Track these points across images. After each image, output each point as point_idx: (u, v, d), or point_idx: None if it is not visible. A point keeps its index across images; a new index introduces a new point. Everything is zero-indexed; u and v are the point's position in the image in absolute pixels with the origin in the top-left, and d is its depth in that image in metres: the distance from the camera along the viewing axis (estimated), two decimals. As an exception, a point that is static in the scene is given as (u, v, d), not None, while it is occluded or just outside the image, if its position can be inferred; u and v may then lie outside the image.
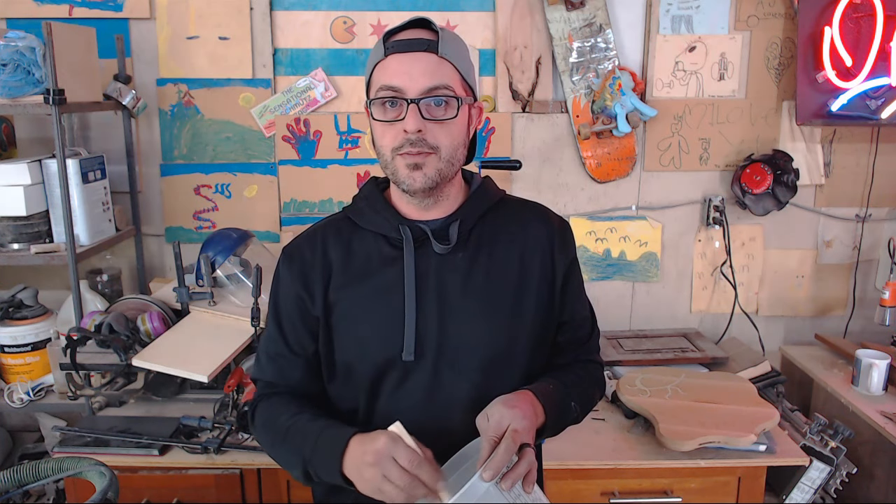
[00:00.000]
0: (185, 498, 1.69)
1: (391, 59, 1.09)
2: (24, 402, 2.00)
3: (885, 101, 2.13)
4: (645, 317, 2.42)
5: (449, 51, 1.10)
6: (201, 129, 2.25)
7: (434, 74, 1.08)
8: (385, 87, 1.09)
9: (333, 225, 1.23)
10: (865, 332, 2.39)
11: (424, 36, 1.09)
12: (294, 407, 1.18)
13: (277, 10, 2.20)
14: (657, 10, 2.20)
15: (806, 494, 1.81)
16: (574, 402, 1.19)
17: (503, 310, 1.17)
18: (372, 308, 1.16)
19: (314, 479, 1.11)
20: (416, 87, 1.07)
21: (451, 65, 1.10)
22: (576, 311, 1.27)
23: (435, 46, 1.08)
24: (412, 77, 1.07)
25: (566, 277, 1.23)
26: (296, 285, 1.19)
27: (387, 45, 1.10)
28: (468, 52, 1.17)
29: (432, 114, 1.08)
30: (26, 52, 1.77)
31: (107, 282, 2.21)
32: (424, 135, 1.08)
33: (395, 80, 1.08)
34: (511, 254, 1.20)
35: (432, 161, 1.10)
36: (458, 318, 1.15)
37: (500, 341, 1.16)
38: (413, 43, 1.08)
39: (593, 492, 1.73)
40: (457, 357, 1.15)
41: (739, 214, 2.33)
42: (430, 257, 1.16)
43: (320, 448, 1.08)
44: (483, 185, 1.25)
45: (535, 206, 1.29)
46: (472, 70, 1.16)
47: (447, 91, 1.08)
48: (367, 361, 1.16)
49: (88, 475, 1.15)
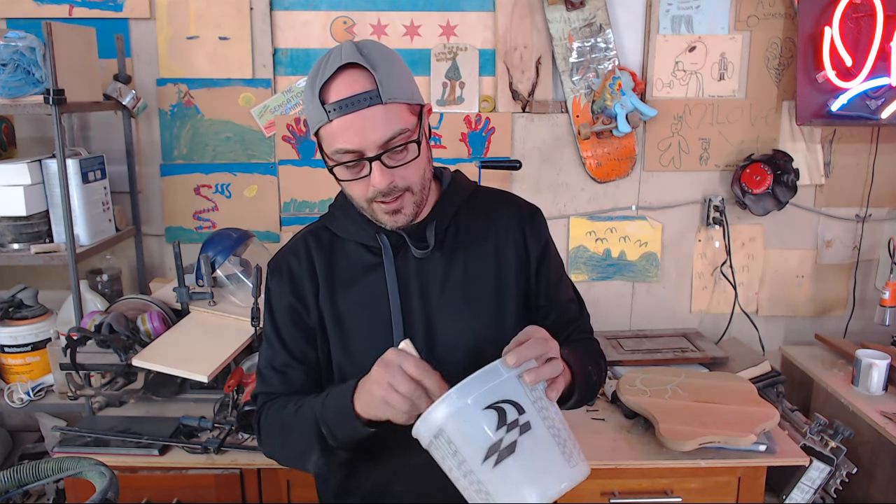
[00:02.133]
0: (185, 498, 1.69)
1: (337, 122, 1.03)
2: (24, 402, 2.00)
3: (885, 101, 2.13)
4: (645, 317, 2.42)
5: (391, 89, 1.03)
6: (201, 129, 2.25)
7: (387, 126, 1.03)
8: (340, 151, 1.04)
9: (313, 234, 1.24)
10: (865, 332, 2.39)
11: (362, 86, 1.02)
12: (296, 398, 1.18)
13: (277, 10, 2.19)
14: (657, 10, 2.20)
15: (806, 494, 1.81)
16: (591, 367, 1.19)
17: (486, 304, 1.18)
18: (360, 316, 1.18)
19: (330, 441, 1.09)
20: (373, 144, 1.03)
21: (398, 104, 1.04)
22: (555, 295, 1.26)
23: (377, 96, 1.01)
24: (365, 136, 1.02)
25: (539, 261, 1.24)
26: (287, 297, 1.20)
27: (327, 108, 1.02)
28: (398, 61, 1.09)
29: (396, 160, 1.06)
30: (26, 52, 1.77)
31: (107, 282, 2.21)
32: (394, 182, 1.06)
33: (349, 144, 1.03)
34: (487, 247, 1.21)
35: (408, 199, 1.10)
36: (444, 317, 1.17)
37: (487, 334, 1.17)
38: (355, 101, 1.01)
39: (593, 492, 1.73)
40: (447, 356, 1.16)
41: (739, 214, 2.33)
42: (410, 261, 1.17)
43: (330, 401, 1.08)
44: (454, 181, 1.25)
45: (505, 196, 1.30)
46: (410, 83, 1.09)
47: (404, 137, 1.05)
48: (359, 370, 1.15)
49: (88, 475, 1.15)
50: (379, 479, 1.20)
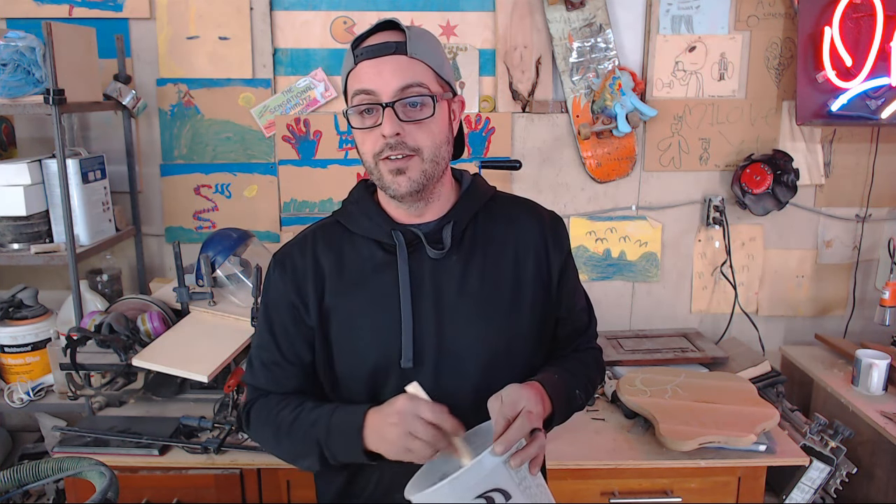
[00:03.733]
0: (185, 498, 1.69)
1: (362, 65, 1.08)
2: (24, 402, 2.00)
3: (885, 101, 2.13)
4: (645, 317, 2.42)
5: (419, 49, 1.08)
6: (201, 129, 2.25)
7: (405, 74, 1.07)
8: (358, 91, 1.08)
9: (324, 230, 1.22)
10: (865, 332, 2.39)
11: (392, 38, 1.08)
12: (294, 400, 1.18)
13: (277, 10, 2.20)
14: (657, 10, 2.20)
15: (806, 494, 1.81)
16: (579, 390, 1.20)
17: (500, 311, 1.17)
18: (368, 316, 1.16)
19: (331, 461, 1.10)
20: (389, 89, 1.06)
21: (422, 63, 1.09)
22: (573, 305, 1.27)
23: (403, 48, 1.07)
24: (384, 80, 1.06)
25: (562, 273, 1.22)
26: (289, 293, 1.18)
27: (356, 53, 1.09)
28: (440, 46, 1.16)
29: (409, 115, 1.07)
30: (26, 52, 1.77)
31: (107, 282, 2.21)
32: (404, 137, 1.07)
33: (368, 84, 1.07)
34: (505, 253, 1.19)
35: (415, 164, 1.09)
36: (456, 321, 1.14)
37: (498, 343, 1.16)
38: (381, 47, 1.07)
39: (593, 492, 1.73)
40: (456, 361, 1.15)
41: (739, 214, 2.33)
42: (424, 261, 1.15)
43: (335, 428, 1.08)
44: (474, 183, 1.24)
45: (525, 203, 1.28)
46: (445, 64, 1.15)
47: (421, 89, 1.07)
48: (366, 369, 1.16)
49: (88, 475, 1.15)
50: (381, 483, 1.19)
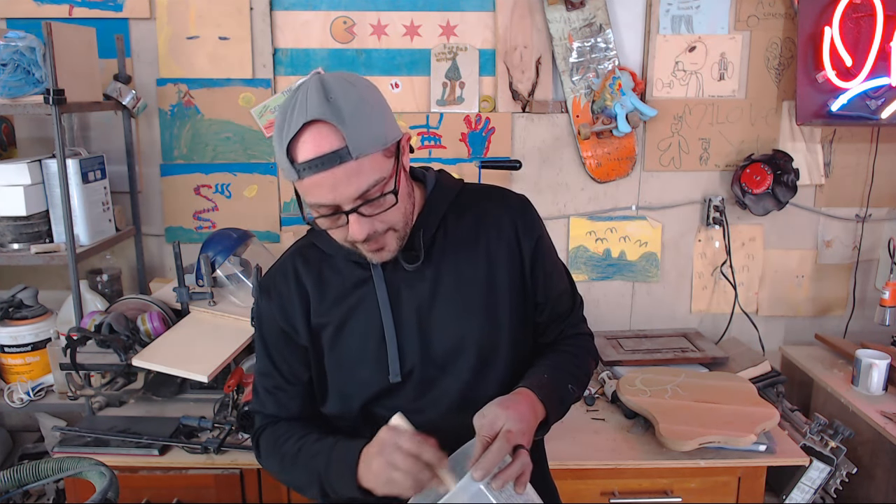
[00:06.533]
0: (185, 498, 1.69)
1: (307, 180, 1.00)
2: (24, 402, 2.00)
3: (885, 101, 2.13)
4: (645, 317, 2.42)
5: (361, 141, 0.98)
6: (201, 129, 2.25)
7: (360, 180, 1.00)
8: (316, 205, 1.03)
9: (301, 253, 1.23)
10: (865, 332, 2.39)
11: (330, 145, 0.97)
12: (299, 430, 1.20)
13: (277, 10, 2.19)
14: (657, 10, 2.20)
15: (806, 494, 1.81)
16: (571, 385, 1.19)
17: (479, 307, 1.17)
18: (353, 332, 1.17)
19: (331, 495, 1.12)
20: (347, 198, 1.01)
21: (369, 156, 0.99)
22: (551, 289, 1.25)
23: (346, 153, 0.97)
24: (340, 193, 1.00)
25: (534, 259, 1.21)
26: (277, 320, 1.21)
27: (296, 168, 0.99)
28: (369, 100, 1.02)
29: (374, 210, 1.04)
30: (26, 52, 1.77)
31: (107, 282, 2.21)
32: (374, 229, 1.06)
33: (323, 199, 1.01)
34: (477, 250, 1.18)
35: (390, 238, 1.09)
36: (438, 325, 1.16)
37: (481, 339, 1.17)
38: (324, 161, 0.97)
39: (593, 492, 1.73)
40: (443, 363, 1.16)
41: (739, 214, 2.33)
42: (400, 270, 1.16)
43: (334, 463, 1.10)
44: (439, 183, 1.22)
45: (492, 191, 1.26)
46: (378, 122, 1.02)
47: (380, 187, 1.02)
48: (356, 384, 1.18)
49: (88, 475, 1.16)
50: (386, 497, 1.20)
